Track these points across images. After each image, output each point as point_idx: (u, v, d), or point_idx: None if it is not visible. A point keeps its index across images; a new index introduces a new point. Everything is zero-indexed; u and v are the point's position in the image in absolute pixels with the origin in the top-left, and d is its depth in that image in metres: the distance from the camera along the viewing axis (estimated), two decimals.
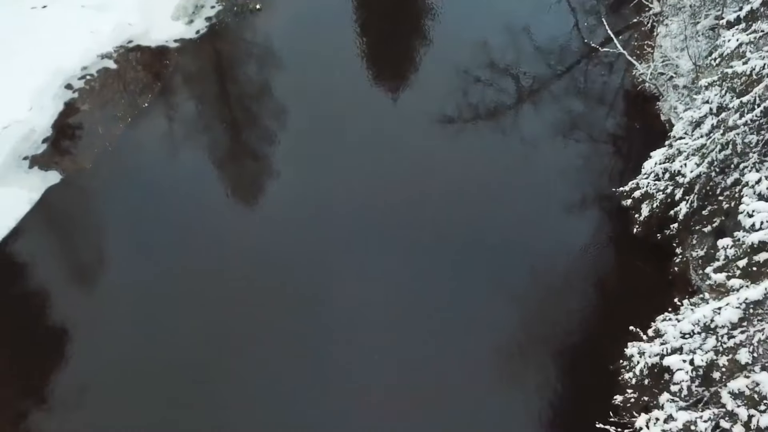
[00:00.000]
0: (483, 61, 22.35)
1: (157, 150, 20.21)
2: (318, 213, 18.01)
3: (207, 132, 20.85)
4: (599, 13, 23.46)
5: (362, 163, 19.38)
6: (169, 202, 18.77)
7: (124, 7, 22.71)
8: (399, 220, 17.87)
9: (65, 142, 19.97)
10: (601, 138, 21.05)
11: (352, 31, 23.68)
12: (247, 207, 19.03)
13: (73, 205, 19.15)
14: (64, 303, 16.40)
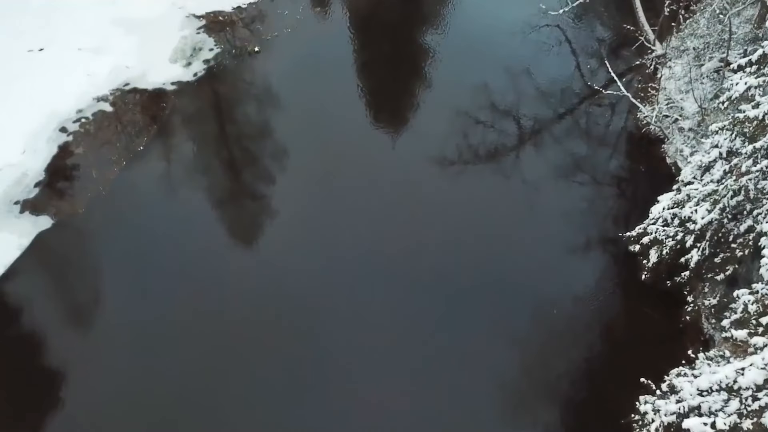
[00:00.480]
0: (483, 104, 22.08)
1: (152, 193, 19.69)
2: (317, 255, 17.58)
3: (203, 175, 20.38)
4: (601, 56, 23.26)
5: (362, 205, 18.99)
6: (164, 246, 18.15)
7: (122, 49, 22.50)
8: (399, 261, 17.45)
9: (58, 186, 19.48)
10: (605, 181, 20.64)
11: (351, 73, 23.44)
12: (245, 249, 18.50)
13: (65, 249, 18.54)
14: (57, 346, 15.90)
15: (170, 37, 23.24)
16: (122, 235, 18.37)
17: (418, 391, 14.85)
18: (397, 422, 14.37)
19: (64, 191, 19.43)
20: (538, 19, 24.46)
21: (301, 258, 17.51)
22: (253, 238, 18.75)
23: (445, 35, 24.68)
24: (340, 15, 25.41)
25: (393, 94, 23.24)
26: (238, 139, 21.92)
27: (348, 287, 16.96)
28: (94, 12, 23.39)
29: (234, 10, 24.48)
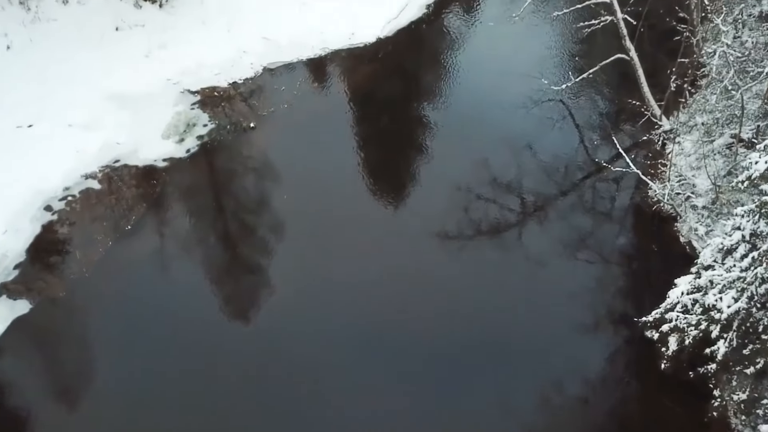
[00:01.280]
0: (484, 179, 21.37)
1: (138, 273, 18.67)
2: (313, 327, 16.93)
3: (194, 253, 19.45)
4: (606, 131, 22.69)
5: (360, 278, 18.21)
6: (150, 328, 17.16)
7: (114, 125, 21.87)
8: (397, 336, 16.83)
9: (39, 268, 18.48)
10: (615, 260, 19.69)
11: (349, 147, 22.77)
12: (236, 325, 17.67)
13: (43, 334, 17.43)
14: None
15: (164, 113, 22.65)
16: (105, 317, 17.38)
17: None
18: None
19: (45, 273, 18.43)
20: (540, 94, 24.01)
21: (296, 330, 16.89)
22: (247, 314, 17.86)
23: (445, 110, 24.19)
24: (339, 91, 24.95)
25: (392, 168, 22.59)
26: (231, 215, 21.06)
27: (343, 360, 16.26)
28: (87, 87, 22.85)
29: (230, 86, 24.01)
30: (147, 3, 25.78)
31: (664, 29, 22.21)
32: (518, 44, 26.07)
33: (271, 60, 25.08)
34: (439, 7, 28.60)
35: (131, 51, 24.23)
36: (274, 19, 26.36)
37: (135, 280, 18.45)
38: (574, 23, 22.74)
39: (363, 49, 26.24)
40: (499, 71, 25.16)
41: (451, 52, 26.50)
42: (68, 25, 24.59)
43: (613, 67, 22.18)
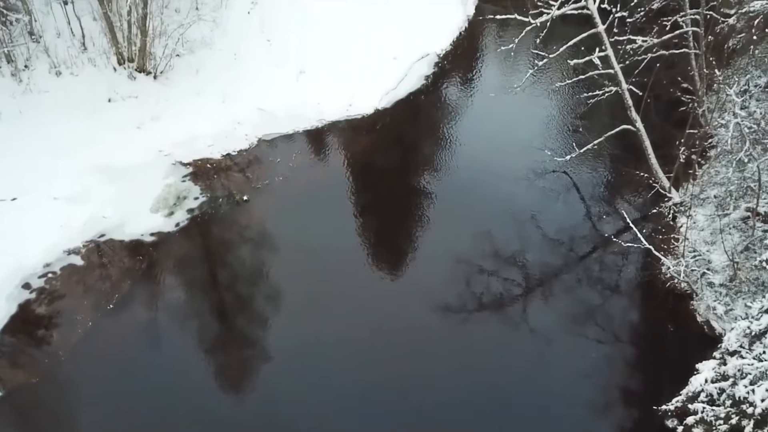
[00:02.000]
0: (487, 251, 20.48)
1: (118, 357, 17.36)
2: (310, 401, 16.07)
3: (178, 334, 18.19)
4: (613, 203, 21.89)
5: (359, 351, 17.33)
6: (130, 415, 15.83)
7: (100, 199, 20.98)
8: (396, 413, 15.95)
9: (11, 352, 17.20)
10: (627, 338, 18.57)
11: (347, 219, 21.88)
12: (229, 403, 16.56)
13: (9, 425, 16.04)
14: None
15: (153, 186, 21.81)
16: (79, 407, 16.03)
17: None
18: None
19: (17, 358, 17.14)
20: (544, 165, 23.32)
21: (293, 403, 16.13)
22: (240, 389, 16.88)
23: (445, 181, 23.42)
24: (336, 162, 24.25)
25: (391, 240, 21.65)
26: (221, 291, 19.94)
27: None
28: (76, 159, 22.07)
29: (223, 157, 23.29)
30: (141, 74, 25.36)
31: (670, 99, 21.74)
32: (520, 115, 25.59)
33: (266, 131, 24.48)
34: (438, 77, 28.34)
35: (123, 122, 23.62)
36: (271, 89, 25.95)
37: (114, 364, 17.17)
38: (577, 94, 22.29)
39: (361, 121, 25.73)
40: (500, 142, 24.58)
41: (451, 122, 25.98)
42: (60, 96, 24.05)
43: (619, 138, 21.54)
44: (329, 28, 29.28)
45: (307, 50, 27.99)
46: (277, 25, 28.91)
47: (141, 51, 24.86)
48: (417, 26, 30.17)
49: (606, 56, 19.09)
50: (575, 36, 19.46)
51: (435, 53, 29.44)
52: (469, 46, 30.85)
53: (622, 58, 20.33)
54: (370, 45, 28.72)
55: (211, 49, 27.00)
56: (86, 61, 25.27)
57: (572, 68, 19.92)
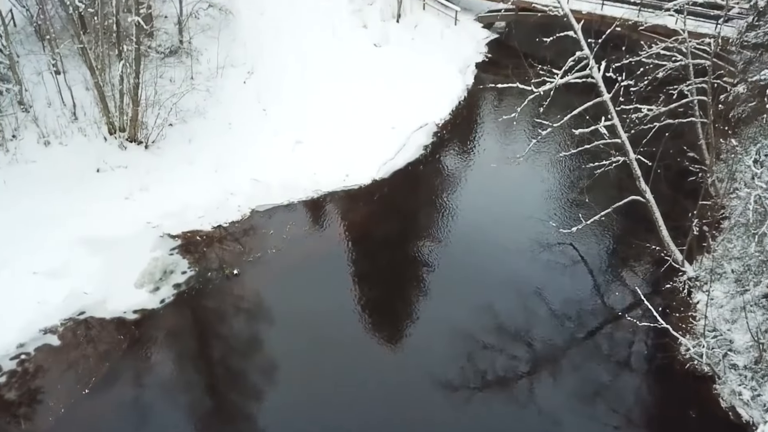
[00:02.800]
0: (489, 325, 19.39)
1: None
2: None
3: (158, 422, 16.72)
4: (623, 278, 20.82)
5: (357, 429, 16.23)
6: None
7: (83, 272, 19.88)
8: None
9: None
10: (644, 424, 17.26)
11: (342, 293, 20.67)
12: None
13: None
14: None
15: (139, 259, 20.74)
16: None
17: None
18: None
19: None
20: (548, 237, 22.37)
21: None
22: None
23: (445, 253, 22.35)
24: (331, 234, 23.23)
25: (389, 313, 20.39)
26: (204, 373, 18.42)
27: None
28: (59, 231, 21.10)
29: (214, 229, 22.33)
30: (132, 144, 24.69)
31: (679, 169, 20.99)
32: (522, 186, 24.82)
33: (259, 202, 23.61)
34: (437, 147, 27.71)
35: (111, 193, 22.79)
36: (265, 159, 25.26)
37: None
38: (582, 163, 21.53)
39: (358, 191, 24.92)
40: (502, 213, 23.67)
41: (451, 193, 25.12)
42: (47, 167, 23.29)
43: (628, 209, 20.63)
44: (327, 97, 28.89)
45: (303, 120, 27.50)
46: (273, 95, 28.51)
47: (132, 120, 24.25)
48: (415, 95, 29.82)
49: (612, 125, 18.37)
50: (579, 104, 18.81)
51: (434, 123, 28.94)
52: (468, 115, 30.41)
53: (629, 127, 19.64)
54: (368, 114, 28.27)
55: (205, 119, 26.44)
56: (76, 131, 24.63)
57: (577, 137, 19.16)
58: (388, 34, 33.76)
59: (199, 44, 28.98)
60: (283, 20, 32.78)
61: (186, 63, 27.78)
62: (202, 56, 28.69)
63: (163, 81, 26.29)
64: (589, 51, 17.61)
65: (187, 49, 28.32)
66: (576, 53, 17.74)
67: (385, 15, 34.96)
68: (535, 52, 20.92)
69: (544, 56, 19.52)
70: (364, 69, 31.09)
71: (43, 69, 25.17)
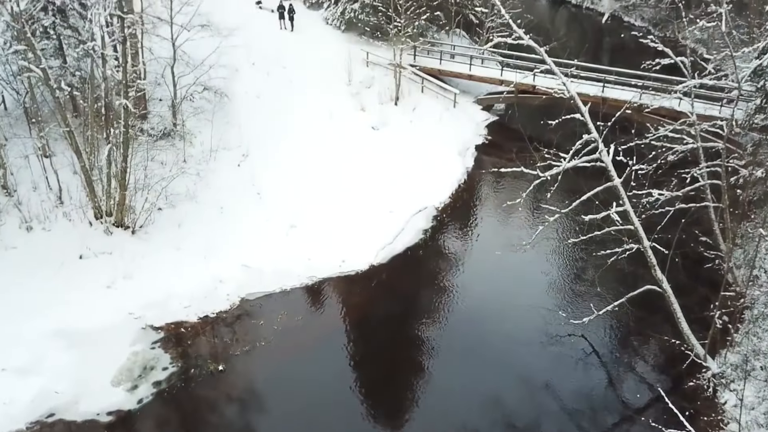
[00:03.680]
0: (496, 419, 18.03)
1: None
2: None
3: None
4: (640, 373, 19.28)
5: None
6: None
7: (55, 369, 18.37)
8: None
9: None
10: None
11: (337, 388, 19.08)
12: None
13: None
14: None
15: (118, 354, 19.23)
16: None
17: None
18: None
19: None
20: (558, 328, 20.95)
21: None
22: None
23: (449, 343, 20.87)
24: (327, 323, 21.74)
25: (389, 406, 18.78)
26: None
27: None
28: (34, 322, 19.68)
29: (200, 320, 20.92)
30: (119, 229, 23.57)
31: (697, 257, 19.76)
32: (530, 274, 23.50)
33: (250, 290, 22.29)
34: (438, 232, 26.60)
35: (92, 281, 21.49)
36: (258, 244, 24.10)
37: None
38: (593, 251, 20.28)
39: (355, 277, 23.64)
40: (508, 303, 22.26)
41: (453, 280, 23.78)
42: (28, 253, 22.08)
43: (643, 300, 19.28)
44: (323, 180, 28.06)
45: (299, 203, 26.53)
46: (268, 178, 27.64)
47: (119, 205, 23.22)
48: (414, 179, 29.00)
49: (625, 211, 17.31)
50: (588, 189, 17.81)
51: (433, 206, 27.97)
52: (469, 198, 29.48)
53: (641, 212, 18.59)
54: (365, 198, 27.34)
55: (196, 202, 25.44)
56: (61, 216, 23.55)
57: (587, 223, 18.06)
58: (387, 117, 33.34)
59: (193, 127, 28.35)
60: (279, 103, 32.41)
61: (178, 146, 27.05)
62: (195, 139, 28.00)
63: (154, 164, 25.45)
64: (597, 134, 16.76)
65: (181, 132, 27.65)
66: (583, 136, 16.89)
67: (383, 98, 34.68)
68: (538, 135, 20.20)
69: (548, 138, 18.75)
70: (362, 152, 30.43)
71: (30, 152, 24.35)
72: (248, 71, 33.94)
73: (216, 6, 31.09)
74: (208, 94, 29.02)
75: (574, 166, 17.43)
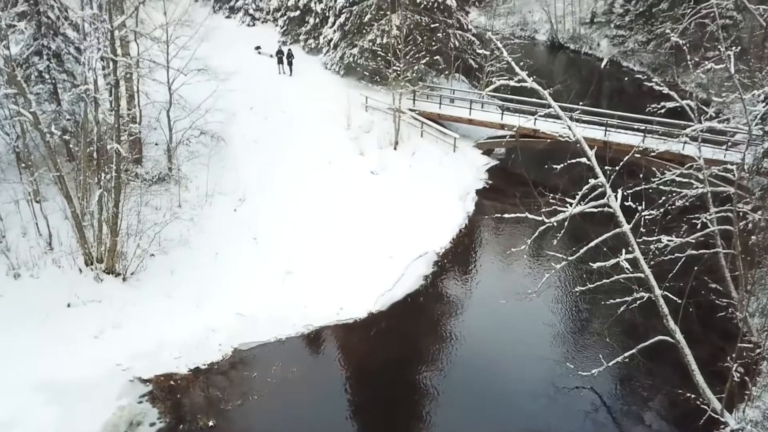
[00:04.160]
0: None
1: None
2: None
3: None
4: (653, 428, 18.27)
5: None
6: None
7: (34, 425, 17.47)
8: None
9: None
10: None
11: None
12: None
13: None
14: None
15: (103, 408, 18.31)
16: None
17: None
18: None
19: None
20: (566, 380, 20.01)
21: None
22: None
23: (451, 396, 19.92)
24: (324, 375, 20.71)
25: None
26: None
27: None
28: (15, 374, 18.82)
29: (190, 372, 20.00)
30: (110, 276, 22.83)
31: (710, 306, 18.98)
32: (536, 323, 22.58)
33: (243, 340, 21.42)
34: (439, 277, 25.80)
35: (80, 331, 20.68)
36: (252, 291, 23.31)
37: None
38: (602, 300, 19.48)
39: (353, 326, 22.78)
40: (513, 353, 21.35)
41: (455, 330, 22.86)
42: (14, 301, 21.33)
43: (655, 351, 18.41)
44: (321, 225, 27.38)
45: (296, 249, 25.80)
46: (265, 223, 26.98)
47: (110, 251, 22.51)
48: (414, 223, 28.33)
49: (634, 258, 16.60)
50: (594, 235, 17.12)
51: (434, 251, 27.23)
52: (470, 243, 28.75)
53: (650, 259, 17.88)
54: (364, 243, 26.62)
55: (190, 248, 24.74)
56: (50, 263, 22.86)
57: (595, 271, 17.33)
58: (386, 162, 32.90)
59: (189, 171, 27.87)
60: (278, 147, 32.01)
61: (173, 191, 26.49)
62: (191, 183, 27.49)
63: (148, 209, 24.83)
64: (605, 178, 16.18)
65: (176, 176, 27.13)
66: (590, 181, 16.30)
67: (383, 142, 34.31)
68: (541, 179, 19.66)
69: (551, 183, 18.20)
70: (361, 196, 29.85)
71: (20, 197, 23.76)
72: (246, 115, 33.67)
73: (215, 51, 31.00)
74: (205, 138, 28.63)
75: (580, 212, 16.77)
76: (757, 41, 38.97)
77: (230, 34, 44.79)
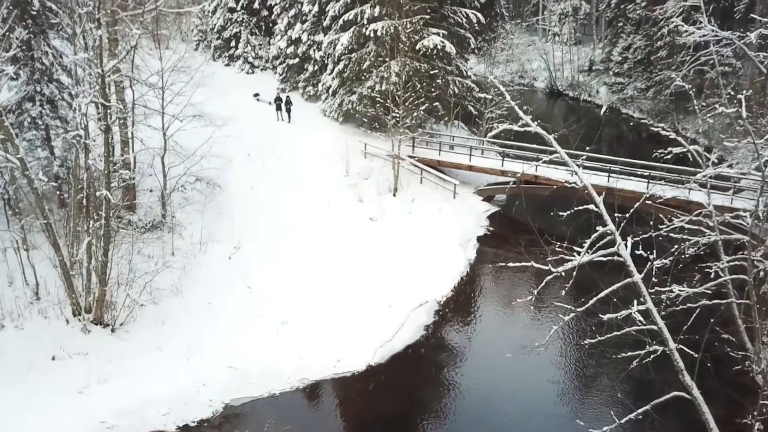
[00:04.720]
0: None
1: None
2: None
3: None
4: None
5: None
6: None
7: None
8: None
9: None
10: None
11: None
12: None
13: None
14: None
15: None
16: None
17: None
18: None
19: None
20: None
21: None
22: None
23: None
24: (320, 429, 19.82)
25: None
26: None
27: None
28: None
29: (178, 430, 18.97)
30: (98, 327, 21.94)
31: (727, 359, 18.06)
32: (542, 377, 21.57)
33: (235, 395, 20.40)
34: (440, 327, 24.88)
35: (63, 386, 19.65)
36: (246, 343, 22.37)
37: None
38: (613, 353, 18.54)
39: (350, 379, 21.79)
40: (519, 410, 20.29)
41: (458, 384, 21.82)
42: None
43: (670, 407, 17.30)
44: (318, 273, 26.61)
45: (292, 298, 24.97)
46: (260, 272, 26.20)
47: (99, 301, 21.68)
48: (414, 271, 27.55)
49: (647, 309, 15.76)
50: (604, 285, 16.25)
51: (435, 300, 26.37)
52: (472, 292, 27.91)
53: (662, 310, 16.99)
54: (362, 292, 25.80)
55: (183, 298, 23.90)
56: (36, 313, 21.99)
57: (605, 323, 16.45)
58: (385, 208, 32.33)
59: (183, 218, 27.22)
60: (275, 194, 31.46)
61: (166, 238, 25.78)
62: (185, 230, 26.80)
63: (140, 257, 24.11)
64: (614, 226, 15.44)
65: (170, 224, 26.46)
66: (598, 228, 15.55)
67: (382, 189, 33.81)
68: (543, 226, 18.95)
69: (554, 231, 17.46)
70: (359, 244, 29.15)
71: (8, 245, 23.03)
72: (243, 162, 33.25)
73: (212, 97, 30.72)
74: (200, 184, 28.10)
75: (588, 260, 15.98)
76: (757, 88, 38.88)
77: (229, 81, 44.86)
